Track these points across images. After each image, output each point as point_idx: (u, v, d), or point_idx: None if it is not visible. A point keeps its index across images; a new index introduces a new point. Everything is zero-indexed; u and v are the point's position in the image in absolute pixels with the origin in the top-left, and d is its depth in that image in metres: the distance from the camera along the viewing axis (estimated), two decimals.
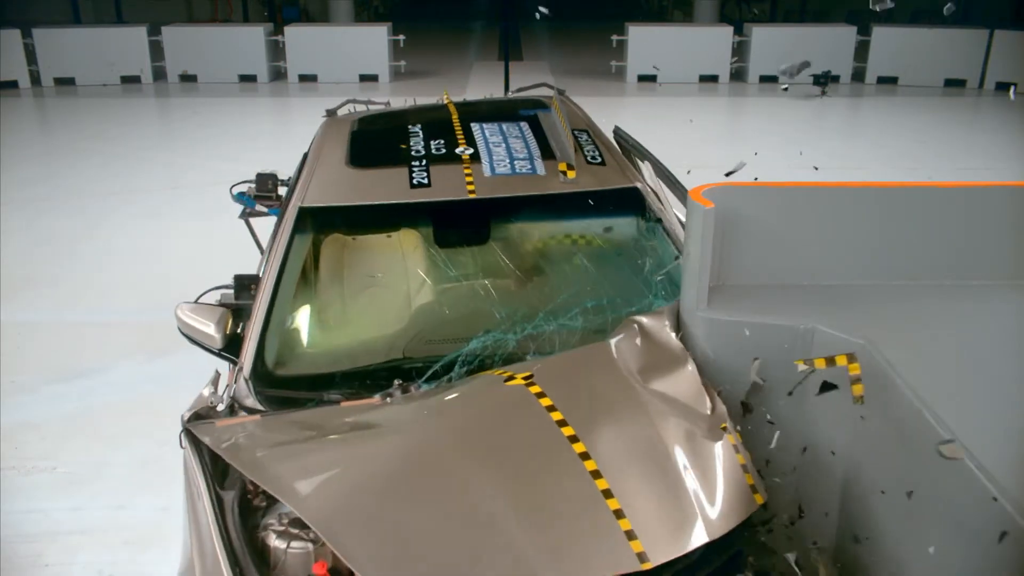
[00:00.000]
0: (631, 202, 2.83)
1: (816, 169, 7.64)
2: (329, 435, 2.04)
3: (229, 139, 10.20)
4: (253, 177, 4.13)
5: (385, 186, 2.75)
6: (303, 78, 14.16)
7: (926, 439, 1.84)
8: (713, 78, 14.36)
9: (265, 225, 3.68)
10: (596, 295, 2.54)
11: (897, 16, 18.34)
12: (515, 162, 2.81)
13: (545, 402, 1.97)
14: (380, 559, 1.62)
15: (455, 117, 3.24)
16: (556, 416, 1.93)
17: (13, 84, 13.36)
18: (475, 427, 1.98)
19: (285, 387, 2.34)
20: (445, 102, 3.72)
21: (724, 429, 2.05)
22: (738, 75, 14.45)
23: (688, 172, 2.86)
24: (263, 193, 4.02)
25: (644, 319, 2.32)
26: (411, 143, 2.99)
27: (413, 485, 1.80)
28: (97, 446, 3.83)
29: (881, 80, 14.17)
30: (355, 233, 2.87)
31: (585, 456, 1.83)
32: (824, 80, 13.02)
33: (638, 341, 2.27)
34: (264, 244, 3.70)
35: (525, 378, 2.04)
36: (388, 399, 2.18)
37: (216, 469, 1.98)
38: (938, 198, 2.52)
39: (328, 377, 2.35)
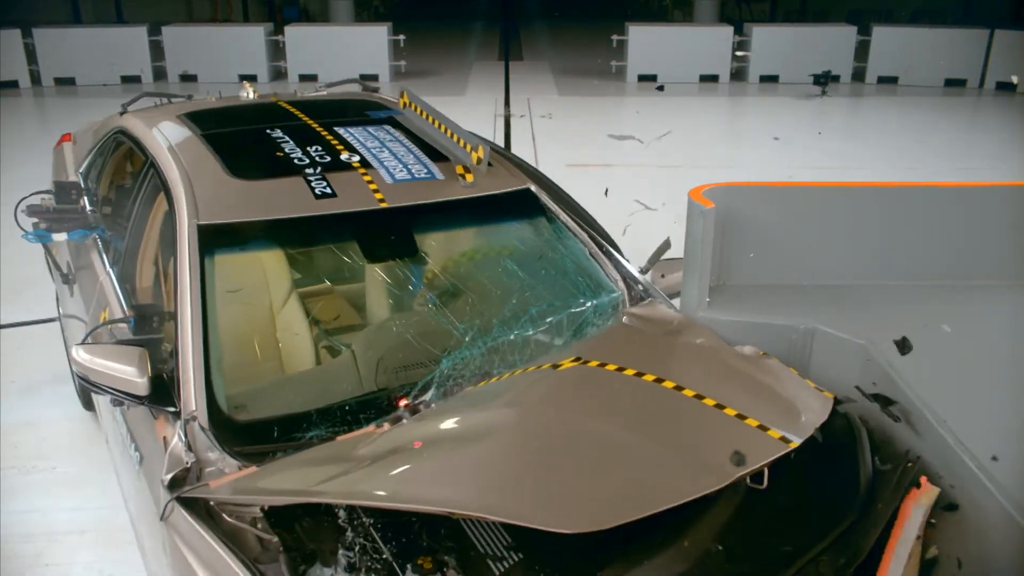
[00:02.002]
0: (531, 203, 2.81)
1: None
2: (383, 454, 1.94)
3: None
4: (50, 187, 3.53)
5: (287, 198, 2.52)
6: (303, 78, 14.16)
7: (926, 439, 1.84)
8: (713, 78, 14.36)
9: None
10: (535, 300, 2.55)
11: (897, 16, 18.36)
12: (411, 168, 2.72)
13: (611, 367, 2.16)
14: (560, 509, 1.73)
15: (309, 120, 3.06)
16: (630, 372, 2.14)
17: (13, 84, 13.36)
18: (563, 398, 2.10)
19: (253, 433, 2.09)
20: (271, 99, 3.50)
21: (765, 355, 2.32)
22: (738, 75, 14.46)
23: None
24: (64, 205, 3.37)
25: (636, 310, 2.55)
26: (286, 149, 2.76)
27: (544, 447, 1.91)
28: (97, 446, 3.83)
29: (881, 80, 14.17)
30: (269, 250, 2.69)
31: (679, 388, 2.08)
32: (824, 80, 13.03)
33: (644, 319, 2.46)
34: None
35: (573, 360, 2.18)
36: (385, 426, 2.09)
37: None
38: (938, 198, 2.52)
39: (304, 417, 2.13)
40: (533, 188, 2.84)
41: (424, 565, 1.84)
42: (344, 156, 2.73)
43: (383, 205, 2.54)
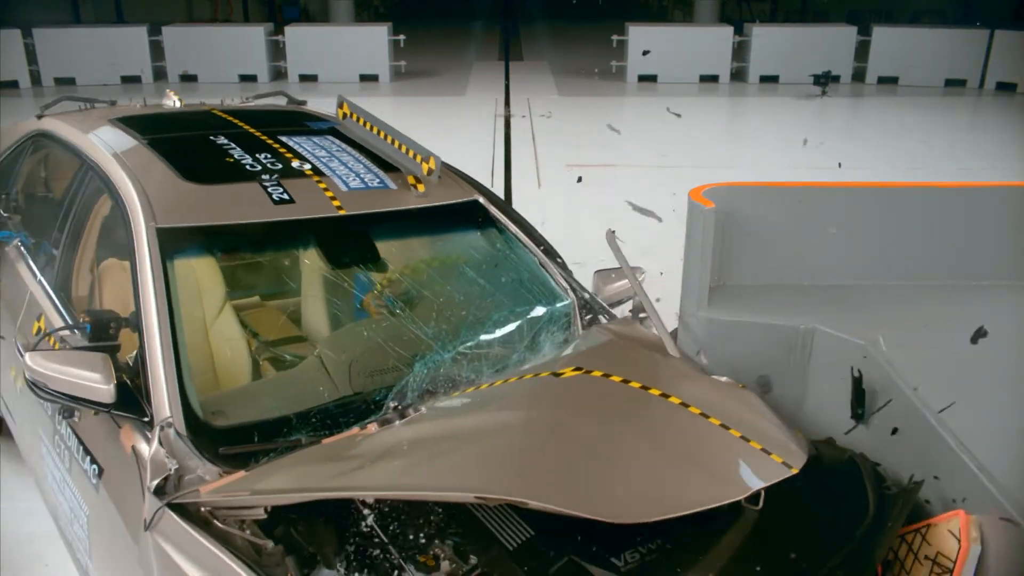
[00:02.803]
0: (481, 213, 2.87)
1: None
2: (381, 454, 1.97)
3: None
4: None
5: (245, 203, 2.49)
6: (303, 78, 14.16)
7: (926, 438, 1.85)
8: (713, 78, 14.36)
9: None
10: (496, 306, 2.59)
11: (897, 16, 18.37)
12: (363, 177, 2.72)
13: (616, 378, 2.20)
14: (576, 494, 1.80)
15: (251, 129, 3.02)
16: (636, 384, 2.19)
17: (14, 84, 13.35)
18: (576, 403, 2.15)
19: (232, 438, 2.05)
20: (204, 108, 3.46)
21: (744, 387, 2.36)
22: (738, 75, 14.46)
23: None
24: None
25: (612, 326, 2.61)
26: (235, 156, 2.73)
27: (567, 445, 1.98)
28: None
29: (881, 80, 14.17)
30: (232, 255, 2.68)
31: (685, 405, 2.13)
32: (824, 80, 13.03)
33: (623, 336, 2.52)
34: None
35: (575, 370, 2.22)
36: (370, 427, 2.10)
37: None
38: (938, 198, 2.52)
39: (283, 421, 2.11)
40: (481, 200, 2.89)
41: (427, 562, 1.85)
42: (296, 164, 2.72)
43: (342, 212, 2.55)
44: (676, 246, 3.27)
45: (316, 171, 2.69)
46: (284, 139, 2.91)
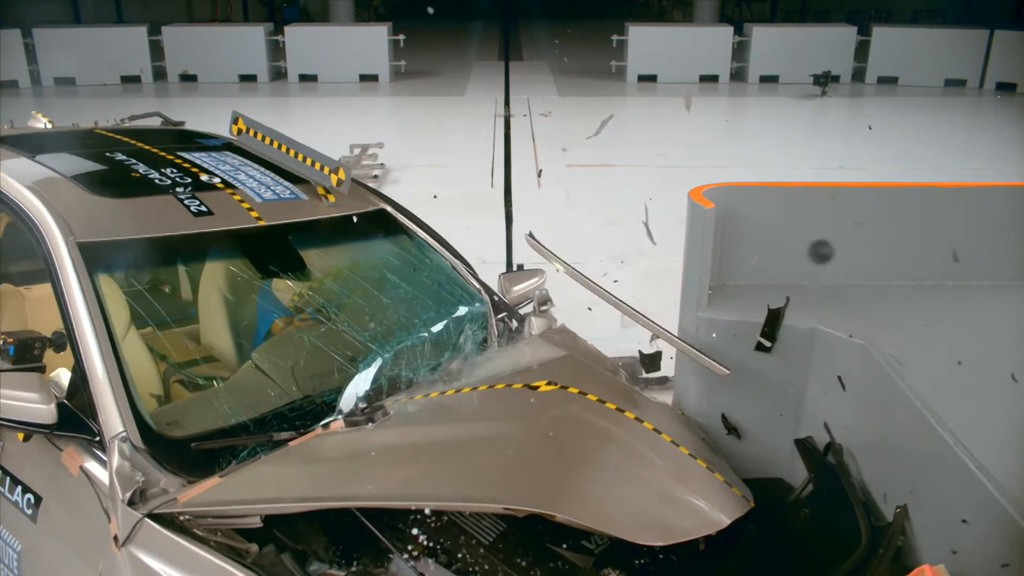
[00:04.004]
0: (393, 222, 2.95)
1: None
2: (359, 455, 2.01)
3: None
4: None
5: (164, 216, 2.46)
6: (303, 78, 14.16)
7: (926, 439, 1.84)
8: (713, 78, 14.36)
9: None
10: (421, 307, 2.65)
11: (897, 16, 18.37)
12: (274, 188, 2.74)
13: (592, 397, 2.28)
14: (602, 512, 1.89)
15: (146, 146, 2.97)
16: (611, 406, 2.26)
17: (13, 84, 13.35)
18: (566, 419, 2.21)
19: (190, 448, 2.03)
20: (91, 128, 3.36)
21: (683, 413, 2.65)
22: (738, 75, 14.46)
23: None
24: None
25: (554, 336, 2.73)
26: (140, 170, 2.67)
27: (566, 456, 2.03)
28: None
29: (881, 80, 14.17)
30: (156, 267, 2.66)
31: (658, 431, 2.24)
32: (824, 80, 13.02)
33: (569, 347, 2.64)
34: None
35: (549, 383, 2.28)
36: (334, 425, 2.12)
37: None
38: (938, 198, 2.52)
39: (241, 428, 2.12)
40: (389, 208, 2.96)
41: (415, 548, 1.90)
42: (204, 178, 2.70)
43: (261, 223, 2.55)
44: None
45: (227, 184, 2.68)
46: (185, 155, 2.88)
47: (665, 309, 2.83)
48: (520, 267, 5.76)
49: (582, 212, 7.22)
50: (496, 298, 2.88)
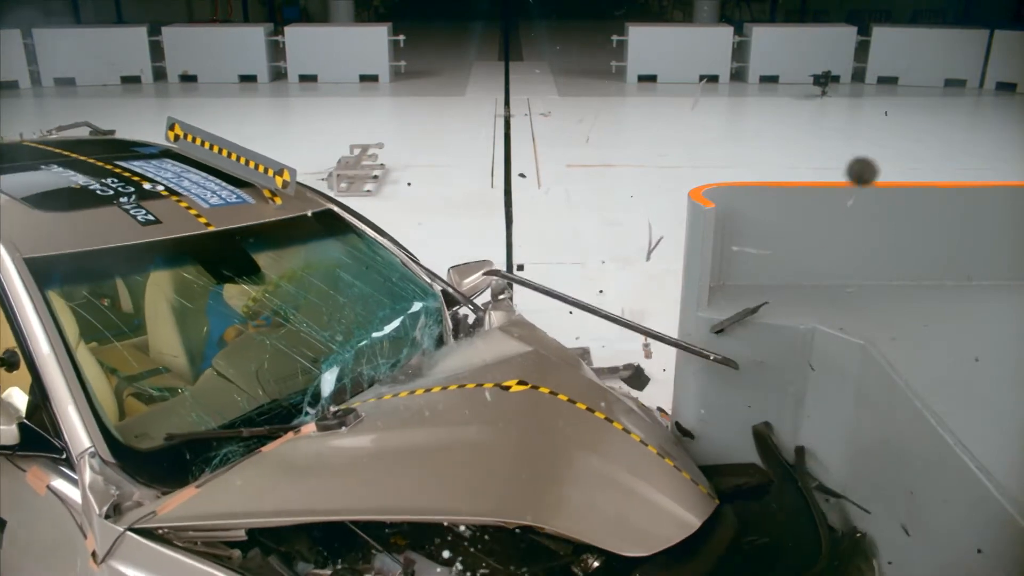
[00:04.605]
0: (340, 221, 2.94)
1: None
2: (338, 461, 2.01)
3: (230, 139, 10.19)
4: None
5: (111, 227, 2.41)
6: (303, 78, 14.16)
7: (926, 439, 1.84)
8: (713, 78, 14.36)
9: None
10: (378, 305, 2.64)
11: (897, 16, 18.36)
12: (219, 194, 2.71)
13: (563, 397, 2.29)
14: (591, 523, 1.93)
15: (82, 157, 2.90)
16: (582, 406, 2.29)
17: (13, 84, 13.34)
18: (541, 422, 2.24)
19: (163, 459, 2.04)
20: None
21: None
22: (738, 75, 14.45)
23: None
24: None
25: (514, 329, 2.74)
26: (80, 182, 2.61)
27: (544, 464, 2.07)
28: None
29: (881, 80, 14.17)
30: (105, 279, 2.66)
31: (627, 431, 2.29)
32: (824, 80, 13.02)
33: (532, 341, 2.64)
34: None
35: (520, 383, 2.28)
36: (305, 429, 2.10)
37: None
38: (938, 198, 2.52)
39: (212, 436, 2.12)
40: (335, 208, 2.95)
41: (398, 542, 1.93)
42: (147, 186, 2.65)
43: (211, 228, 2.53)
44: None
45: (171, 191, 2.65)
46: (123, 164, 2.84)
47: (667, 310, 2.83)
48: (520, 267, 5.78)
49: (582, 212, 7.22)
50: (452, 289, 2.89)
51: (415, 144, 9.68)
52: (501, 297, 2.96)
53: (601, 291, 5.07)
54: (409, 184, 7.23)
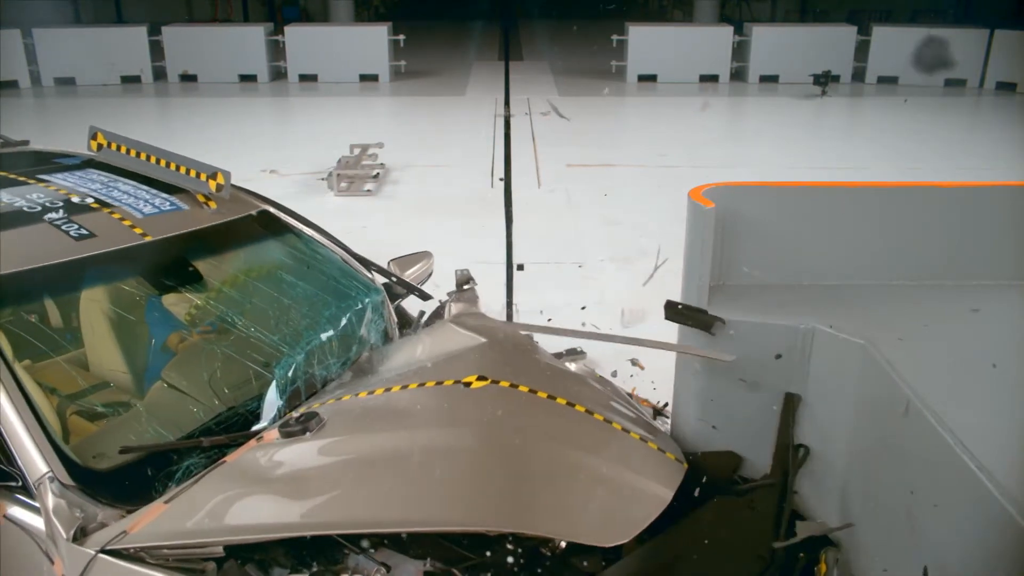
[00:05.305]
0: (277, 222, 2.90)
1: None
2: (313, 473, 1.97)
3: (230, 139, 10.21)
4: None
5: (43, 245, 2.33)
6: (303, 78, 14.16)
7: (926, 439, 1.84)
8: (713, 78, 14.36)
9: None
10: (323, 304, 2.62)
11: (897, 16, 18.36)
12: (152, 202, 2.64)
13: (524, 389, 2.28)
14: (564, 520, 1.91)
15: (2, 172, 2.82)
16: (543, 395, 2.28)
17: (13, 84, 13.35)
18: (501, 425, 2.18)
19: (124, 476, 2.01)
20: None
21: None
22: (738, 75, 14.46)
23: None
24: None
25: (464, 319, 2.72)
26: (3, 199, 2.53)
27: (511, 463, 2.04)
28: None
29: (881, 80, 14.17)
30: (42, 299, 2.59)
31: (589, 412, 2.29)
32: (824, 80, 13.02)
33: (486, 331, 2.62)
34: None
35: (479, 378, 2.27)
36: (267, 436, 2.08)
37: None
38: (938, 198, 2.52)
39: (170, 450, 2.08)
40: (271, 209, 2.91)
41: (371, 541, 1.91)
42: (76, 199, 2.56)
43: (148, 239, 2.46)
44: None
45: (102, 203, 2.56)
46: (46, 177, 2.74)
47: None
48: (520, 267, 5.78)
49: (582, 212, 7.22)
50: (394, 279, 2.92)
51: (415, 144, 9.68)
52: (466, 287, 2.93)
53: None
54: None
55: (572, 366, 2.81)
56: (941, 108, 12.66)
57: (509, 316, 4.93)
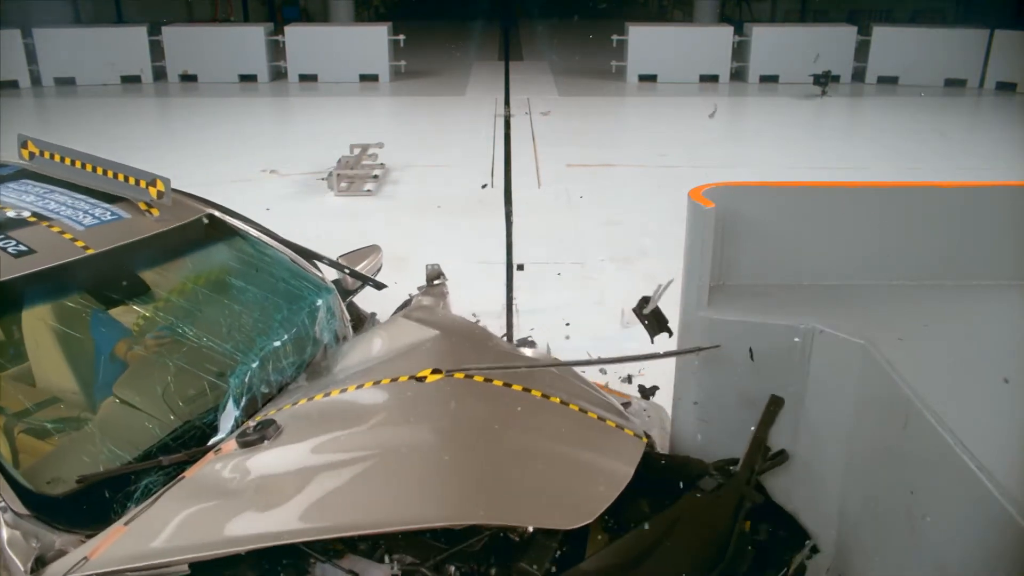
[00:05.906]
0: (223, 226, 2.83)
1: None
2: (281, 482, 1.92)
3: (230, 139, 10.21)
4: None
5: None
6: (303, 78, 14.16)
7: (926, 439, 1.84)
8: (713, 78, 14.36)
9: None
10: (275, 307, 2.59)
11: (897, 16, 18.36)
12: (92, 212, 2.54)
13: (478, 379, 2.28)
14: (529, 507, 1.91)
15: None
16: (498, 383, 2.28)
17: (13, 84, 13.35)
18: (458, 416, 2.17)
19: (82, 500, 1.96)
20: None
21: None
22: (738, 75, 14.45)
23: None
24: None
25: (415, 313, 2.72)
26: None
27: (474, 454, 2.03)
28: None
29: (881, 80, 14.17)
30: None
31: (545, 396, 2.30)
32: (824, 80, 13.02)
33: (439, 324, 2.61)
34: None
35: (433, 371, 2.27)
36: (226, 447, 2.05)
37: None
38: (938, 198, 2.52)
39: (128, 471, 2.03)
40: (216, 213, 2.84)
41: (336, 547, 1.91)
42: (11, 214, 2.46)
43: (90, 252, 2.36)
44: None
45: (39, 216, 2.46)
46: None
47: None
48: (520, 267, 5.78)
49: (582, 212, 7.22)
50: (347, 271, 2.91)
51: (415, 144, 9.68)
52: (436, 283, 2.94)
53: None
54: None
55: (528, 351, 2.78)
56: (941, 108, 12.66)
57: (509, 316, 4.93)
